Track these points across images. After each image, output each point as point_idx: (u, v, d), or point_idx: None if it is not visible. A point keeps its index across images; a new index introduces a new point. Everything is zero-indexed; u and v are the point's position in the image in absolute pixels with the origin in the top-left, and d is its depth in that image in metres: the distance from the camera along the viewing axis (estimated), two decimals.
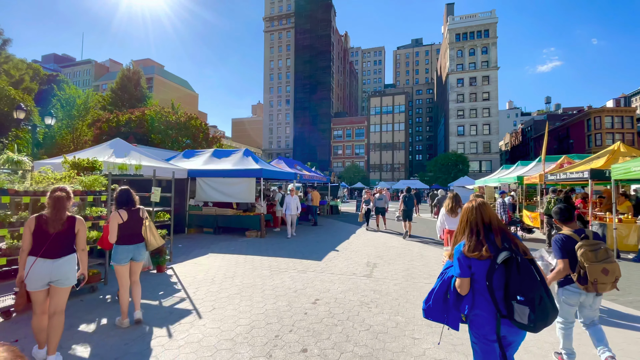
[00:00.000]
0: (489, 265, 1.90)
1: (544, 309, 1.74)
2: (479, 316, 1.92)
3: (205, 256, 7.31)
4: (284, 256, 7.29)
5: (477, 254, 1.92)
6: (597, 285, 2.62)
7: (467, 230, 2.06)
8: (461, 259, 1.96)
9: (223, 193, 10.24)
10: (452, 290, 2.00)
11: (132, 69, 37.61)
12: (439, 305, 2.04)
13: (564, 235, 2.82)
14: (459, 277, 1.95)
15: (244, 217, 10.10)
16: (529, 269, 1.81)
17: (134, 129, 21.66)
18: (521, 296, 1.75)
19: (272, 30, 77.41)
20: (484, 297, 1.91)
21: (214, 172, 10.36)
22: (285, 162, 14.47)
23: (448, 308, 2.02)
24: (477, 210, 2.08)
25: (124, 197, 4.16)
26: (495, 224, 2.04)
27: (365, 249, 8.17)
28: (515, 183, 14.51)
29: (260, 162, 11.14)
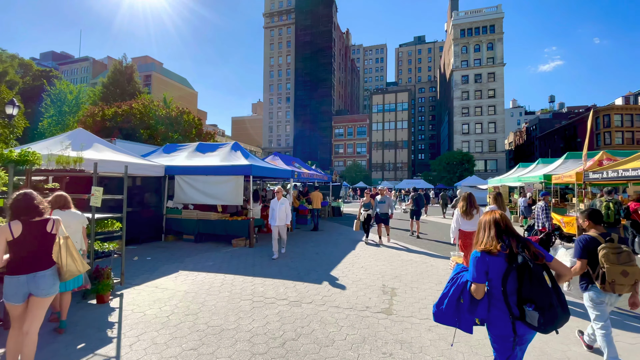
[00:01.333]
0: (505, 269, 1.94)
1: (553, 315, 1.79)
2: (497, 318, 1.97)
3: (174, 275, 5.70)
4: (274, 276, 5.67)
5: (490, 247, 1.99)
6: (614, 286, 2.66)
7: (482, 232, 2.12)
8: (477, 262, 1.99)
9: (205, 194, 8.63)
10: (467, 295, 2.00)
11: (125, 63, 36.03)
12: (451, 310, 2.03)
13: (589, 237, 2.88)
14: (475, 282, 1.97)
15: (229, 223, 8.49)
16: (540, 277, 1.85)
17: (120, 124, 20.06)
18: (531, 304, 1.82)
19: (272, 27, 75.74)
20: (499, 300, 1.96)
21: (194, 168, 8.75)
22: (281, 158, 12.86)
23: (460, 312, 2.02)
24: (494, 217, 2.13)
25: (22, 203, 2.69)
26: (511, 229, 2.10)
27: (376, 265, 6.55)
28: (541, 183, 12.89)
29: (252, 157, 9.53)
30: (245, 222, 8.37)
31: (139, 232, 8.65)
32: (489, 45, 59.55)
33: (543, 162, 15.63)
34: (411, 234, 10.87)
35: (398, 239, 10.00)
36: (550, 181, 12.20)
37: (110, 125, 19.96)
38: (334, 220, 15.15)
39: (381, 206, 9.16)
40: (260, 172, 8.64)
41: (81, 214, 3.97)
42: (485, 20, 59.76)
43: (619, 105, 54.53)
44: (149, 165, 8.49)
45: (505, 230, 2.08)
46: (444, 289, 2.12)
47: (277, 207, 7.16)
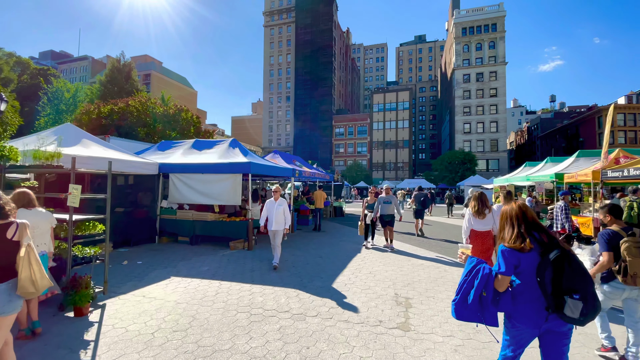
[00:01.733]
0: (538, 262, 1.90)
1: (595, 304, 1.77)
2: (528, 310, 1.92)
3: (164, 282, 5.19)
4: (275, 283, 5.17)
5: (520, 245, 1.93)
6: (636, 279, 2.71)
7: (507, 226, 2.09)
8: (507, 255, 1.95)
9: (201, 193, 8.12)
10: (490, 288, 1.96)
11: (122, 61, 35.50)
12: (475, 305, 1.96)
13: (612, 231, 2.92)
14: (503, 274, 1.94)
15: (227, 224, 7.98)
16: (581, 265, 1.85)
17: (116, 121, 19.55)
18: (576, 293, 1.78)
19: (272, 25, 75.20)
20: (530, 293, 1.92)
21: (190, 166, 8.25)
22: (282, 156, 12.35)
23: (484, 306, 1.97)
24: (519, 209, 2.10)
25: None
26: (538, 222, 2.05)
27: (385, 270, 6.05)
28: (552, 182, 12.39)
29: (251, 155, 9.03)
30: (243, 223, 7.86)
31: (131, 234, 8.15)
32: (490, 44, 59.07)
33: (552, 161, 15.14)
34: (417, 234, 10.72)
35: (404, 240, 9.49)
36: (562, 180, 11.72)
37: (106, 123, 19.45)
38: (336, 221, 14.65)
39: (386, 207, 8.16)
40: (259, 170, 8.14)
41: (50, 213, 3.48)
42: (487, 19, 59.27)
43: (622, 105, 54.06)
44: (141, 162, 7.98)
45: (533, 224, 2.04)
46: (462, 284, 2.05)
47: (274, 209, 6.07)
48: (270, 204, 6.20)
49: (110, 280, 5.23)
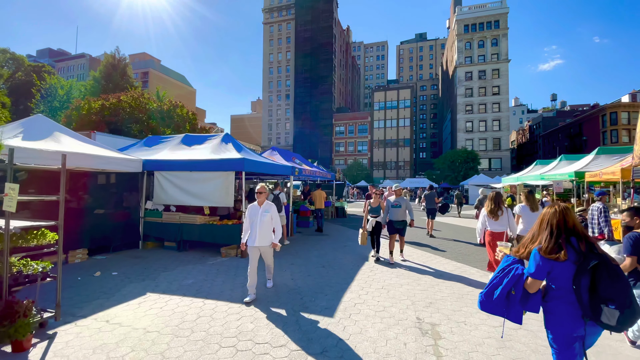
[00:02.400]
0: (575, 270, 1.88)
1: (634, 312, 1.74)
2: (556, 316, 1.94)
3: (137, 301, 4.32)
4: (270, 302, 4.29)
5: (555, 256, 1.91)
6: None
7: (546, 232, 2.02)
8: (540, 262, 1.93)
9: (189, 193, 7.25)
10: (520, 288, 1.97)
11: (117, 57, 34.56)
12: (501, 300, 2.00)
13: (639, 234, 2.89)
14: (533, 278, 1.93)
15: (218, 228, 7.10)
16: (619, 273, 1.81)
17: (107, 117, 18.65)
18: (612, 303, 1.75)
19: (271, 22, 74.17)
20: (564, 299, 1.92)
21: (177, 163, 7.37)
22: (280, 153, 11.48)
23: (511, 304, 2.00)
24: (561, 214, 2.04)
25: None
26: (579, 229, 2.00)
27: (400, 283, 5.18)
28: (572, 181, 11.54)
29: (245, 150, 8.15)
30: (236, 227, 6.98)
31: (110, 239, 7.28)
32: (493, 41, 58.18)
33: (566, 159, 14.27)
34: (430, 234, 10.50)
35: (417, 247, 8.63)
36: (582, 179, 10.88)
37: (96, 119, 18.57)
38: (338, 222, 13.79)
39: (396, 212, 6.58)
40: (254, 167, 7.26)
41: None
42: (490, 16, 58.36)
43: (626, 103, 53.27)
44: (122, 159, 7.12)
45: (572, 231, 1.98)
46: (493, 279, 2.08)
47: (258, 217, 4.41)
48: (253, 210, 4.50)
49: (73, 298, 4.38)
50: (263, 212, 4.45)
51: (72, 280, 5.22)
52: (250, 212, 4.51)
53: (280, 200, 8.52)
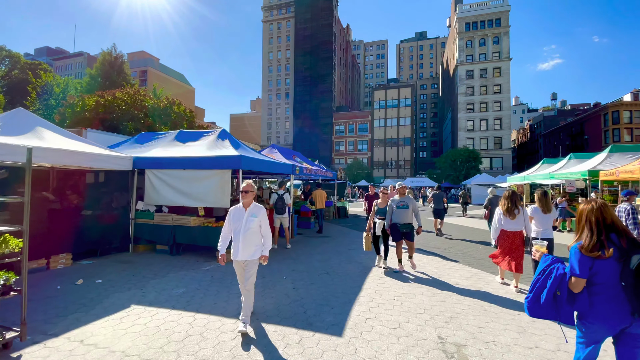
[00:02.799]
0: (619, 267, 1.85)
1: None
2: (600, 310, 1.89)
3: (120, 315, 3.82)
4: (269, 318, 3.80)
5: (597, 253, 1.87)
6: None
7: (586, 230, 1.99)
8: (582, 260, 1.91)
9: (182, 193, 6.74)
10: (565, 288, 1.94)
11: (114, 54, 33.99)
12: (549, 303, 1.96)
13: None
14: (577, 277, 1.91)
15: (213, 230, 6.60)
16: None
17: (102, 114, 18.12)
18: None
19: (271, 21, 73.55)
20: (606, 295, 1.88)
21: (169, 161, 6.86)
22: (280, 151, 10.98)
23: (559, 305, 1.96)
24: (599, 211, 1.99)
25: None
26: (619, 225, 1.96)
27: (414, 293, 4.68)
28: (585, 180, 11.07)
29: (243, 147, 7.65)
30: None
31: (97, 242, 6.78)
32: (494, 39, 57.66)
33: (576, 157, 13.82)
34: (437, 234, 10.41)
35: (426, 252, 8.14)
36: (596, 177, 10.41)
37: (90, 117, 18.05)
38: (341, 223, 13.29)
39: (402, 213, 5.73)
40: (252, 165, 6.75)
41: None
42: (491, 13, 57.85)
43: (628, 102, 52.82)
44: (110, 156, 6.62)
45: (612, 227, 1.94)
46: (535, 282, 2.04)
47: (243, 223, 3.48)
48: (237, 213, 3.54)
49: (48, 312, 3.88)
50: (249, 216, 3.47)
51: (50, 289, 4.71)
52: (232, 216, 3.53)
53: (285, 201, 8.02)
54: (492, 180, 31.09)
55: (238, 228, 3.47)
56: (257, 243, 3.53)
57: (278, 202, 7.94)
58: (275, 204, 7.98)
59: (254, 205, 3.57)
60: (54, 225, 6.17)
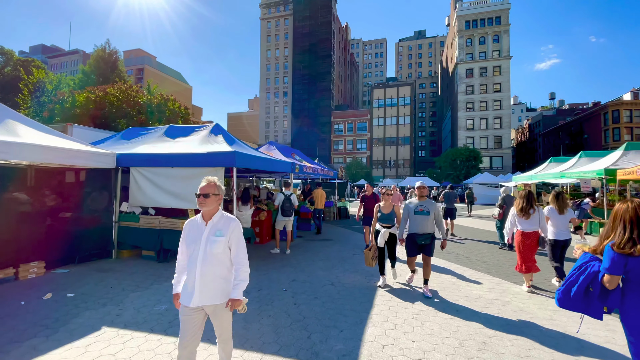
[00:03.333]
0: None
1: None
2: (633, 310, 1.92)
3: (86, 340, 3.16)
4: (265, 346, 3.15)
5: (629, 251, 1.89)
6: None
7: (619, 228, 2.01)
8: (615, 257, 1.92)
9: (170, 193, 6.09)
10: (598, 284, 1.98)
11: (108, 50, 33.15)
12: (579, 297, 2.03)
13: None
14: (610, 274, 1.92)
15: None
16: None
17: (92, 111, 17.40)
18: None
19: (269, 18, 72.73)
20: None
21: (156, 158, 6.20)
22: (278, 148, 10.33)
23: (590, 300, 2.02)
24: (634, 210, 2.00)
25: None
26: None
27: (434, 310, 4.06)
28: (601, 179, 10.50)
29: (238, 143, 6.99)
30: None
31: (77, 248, 6.12)
32: (494, 38, 57.22)
33: (587, 156, 13.27)
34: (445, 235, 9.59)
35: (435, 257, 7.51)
36: (614, 176, 9.84)
37: (80, 113, 17.32)
38: (342, 225, 12.67)
39: (421, 221, 4.56)
40: (248, 162, 6.10)
41: None
42: (491, 12, 57.38)
43: (628, 101, 52.54)
44: (91, 153, 5.96)
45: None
46: (570, 277, 2.10)
47: (203, 243, 2.18)
48: (192, 231, 2.26)
49: (4, 335, 3.25)
50: (212, 235, 2.19)
51: (12, 306, 4.06)
52: (187, 235, 2.26)
53: (292, 202, 7.40)
54: (494, 180, 30.57)
55: (194, 254, 2.18)
56: (225, 277, 2.22)
57: (285, 203, 7.29)
58: (283, 205, 7.30)
59: (221, 216, 2.25)
60: (25, 230, 5.50)
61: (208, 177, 2.27)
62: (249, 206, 7.64)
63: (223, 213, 2.28)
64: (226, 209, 7.61)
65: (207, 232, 2.19)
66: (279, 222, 7.34)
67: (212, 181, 2.25)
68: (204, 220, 2.22)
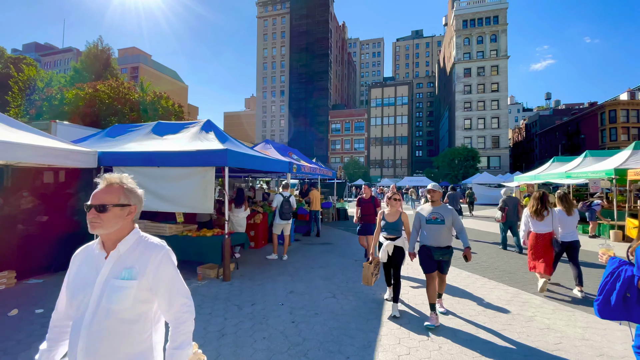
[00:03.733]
0: None
1: None
2: None
3: None
4: None
5: None
6: None
7: None
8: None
9: (156, 195, 5.56)
10: (634, 289, 1.90)
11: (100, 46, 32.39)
12: (619, 305, 1.96)
13: None
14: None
15: (191, 241, 5.44)
16: None
17: (82, 108, 16.78)
18: None
19: (265, 16, 72.09)
20: None
21: (141, 156, 5.68)
22: (275, 147, 9.84)
23: (629, 306, 1.93)
24: None
25: None
26: None
27: (451, 329, 3.60)
28: (611, 180, 10.12)
29: (231, 141, 6.49)
30: (216, 240, 5.32)
31: (53, 256, 5.58)
32: (492, 37, 57.07)
33: (592, 155, 12.92)
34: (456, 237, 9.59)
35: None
36: (624, 176, 9.47)
37: (69, 110, 16.71)
38: (340, 226, 12.20)
39: (435, 231, 3.76)
40: (241, 161, 5.60)
41: None
42: (489, 11, 57.23)
43: (625, 100, 52.62)
44: (69, 151, 5.41)
45: None
46: (604, 285, 2.02)
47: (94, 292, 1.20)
48: (83, 266, 1.29)
49: None
50: (113, 277, 1.23)
51: None
52: (73, 275, 1.29)
53: (291, 204, 6.90)
54: (494, 180, 30.28)
55: (79, 309, 1.22)
56: (135, 356, 1.22)
57: (284, 205, 6.76)
58: (281, 207, 6.75)
59: (136, 243, 1.32)
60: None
61: (108, 176, 1.34)
62: (243, 208, 7.14)
63: (141, 236, 1.34)
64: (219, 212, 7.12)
65: (107, 271, 1.24)
66: (276, 226, 6.84)
67: (115, 182, 1.32)
68: (104, 249, 1.29)
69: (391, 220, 4.10)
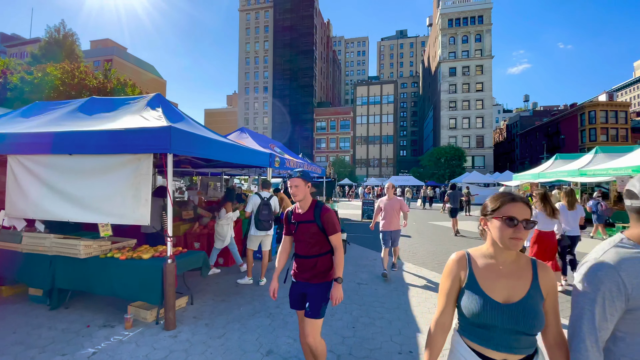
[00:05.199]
0: None
1: None
2: None
3: None
4: None
5: None
6: None
7: None
8: None
9: (68, 196, 3.69)
10: None
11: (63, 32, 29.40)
12: None
13: None
14: None
15: (117, 266, 3.60)
16: None
17: (27, 94, 14.36)
18: None
19: (248, 10, 69.49)
20: None
21: (46, 139, 3.79)
22: (253, 137, 8.05)
23: None
24: None
25: None
26: None
27: None
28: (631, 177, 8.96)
29: (187, 121, 4.68)
30: (154, 266, 3.51)
31: None
32: (477, 37, 57.10)
33: (603, 151, 11.92)
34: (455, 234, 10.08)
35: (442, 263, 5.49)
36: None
37: (11, 96, 14.26)
38: None
39: None
40: (197, 147, 3.80)
41: None
42: (474, 10, 57.23)
43: (603, 102, 53.78)
44: None
45: None
46: None
47: None
48: None
49: None
50: None
51: None
52: None
53: (271, 207, 5.06)
54: (482, 179, 29.61)
55: None
56: None
57: (262, 210, 4.88)
58: (258, 213, 4.88)
59: None
60: None
61: None
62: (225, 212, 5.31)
63: None
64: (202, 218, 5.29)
65: None
66: (252, 239, 4.96)
67: None
68: None
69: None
